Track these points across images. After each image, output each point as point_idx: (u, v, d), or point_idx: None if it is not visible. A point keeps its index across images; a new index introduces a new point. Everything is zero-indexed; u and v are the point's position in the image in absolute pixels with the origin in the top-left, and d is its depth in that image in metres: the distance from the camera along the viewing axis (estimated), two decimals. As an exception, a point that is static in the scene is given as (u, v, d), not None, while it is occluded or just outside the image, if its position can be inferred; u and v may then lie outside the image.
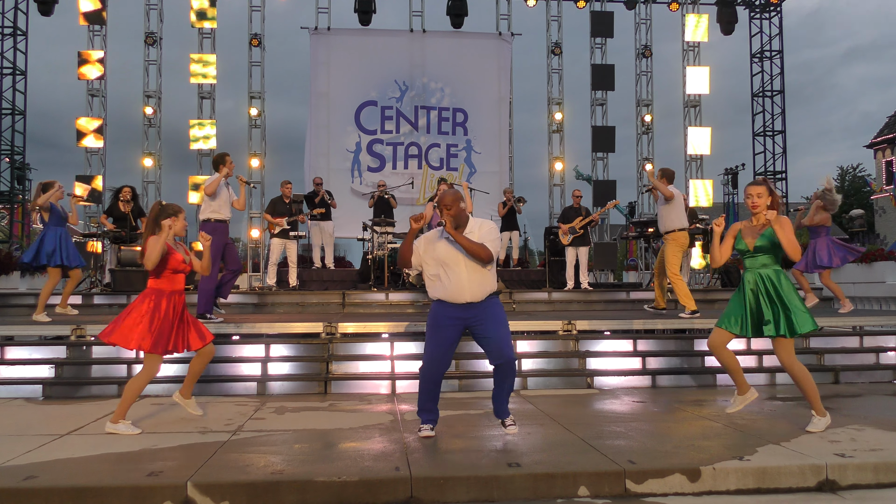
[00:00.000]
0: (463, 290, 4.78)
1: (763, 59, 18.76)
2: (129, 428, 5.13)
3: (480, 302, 4.83)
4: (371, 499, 3.91)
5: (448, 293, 4.82)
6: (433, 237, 4.92)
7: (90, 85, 16.32)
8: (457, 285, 4.78)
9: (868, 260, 11.69)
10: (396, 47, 17.58)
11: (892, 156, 39.70)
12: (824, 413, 5.07)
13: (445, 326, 4.86)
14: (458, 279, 4.78)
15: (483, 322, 4.83)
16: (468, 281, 4.78)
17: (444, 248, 4.83)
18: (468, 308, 4.81)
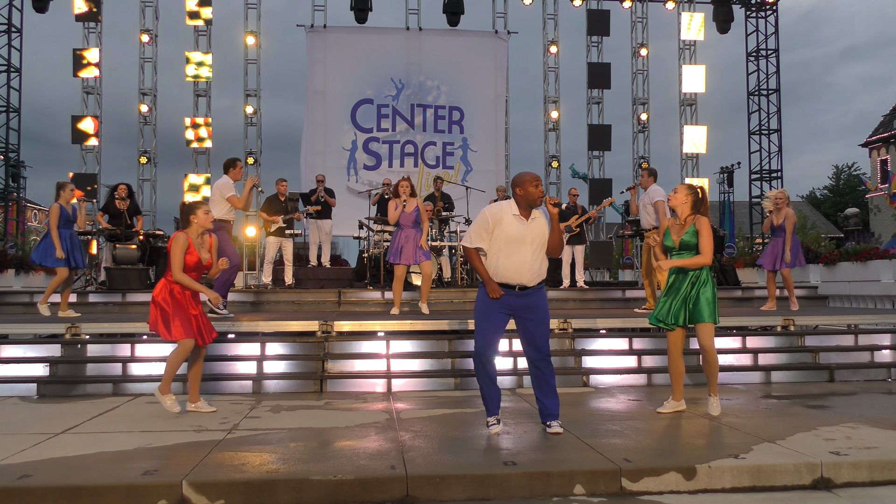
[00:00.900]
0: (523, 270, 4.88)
1: (759, 58, 18.80)
2: (173, 405, 5.60)
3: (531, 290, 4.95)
4: (367, 497, 3.90)
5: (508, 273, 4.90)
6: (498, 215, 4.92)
7: (85, 82, 16.28)
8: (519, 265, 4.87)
9: (863, 258, 11.73)
10: (393, 45, 17.56)
11: (888, 154, 39.80)
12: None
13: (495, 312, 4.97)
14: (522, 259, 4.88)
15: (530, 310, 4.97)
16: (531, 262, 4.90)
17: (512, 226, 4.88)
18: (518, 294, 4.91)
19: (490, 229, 4.88)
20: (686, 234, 5.53)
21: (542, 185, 4.89)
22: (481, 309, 4.98)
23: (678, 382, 5.78)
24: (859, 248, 12.09)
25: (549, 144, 18.08)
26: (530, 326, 4.93)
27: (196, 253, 5.59)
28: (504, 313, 4.94)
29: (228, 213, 8.26)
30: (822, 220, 43.87)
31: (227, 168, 8.40)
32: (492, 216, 4.88)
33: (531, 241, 4.86)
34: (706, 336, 5.48)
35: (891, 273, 11.20)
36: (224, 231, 8.16)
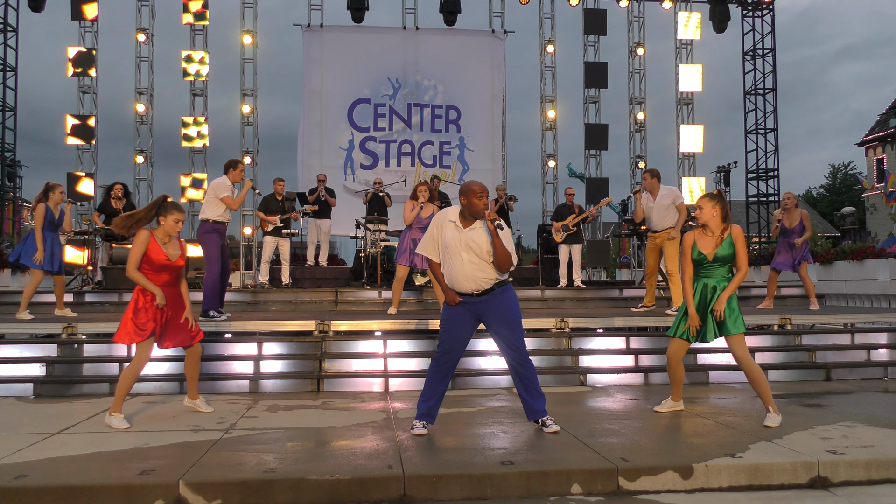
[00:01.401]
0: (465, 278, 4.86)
1: (755, 57, 18.80)
2: (121, 422, 5.23)
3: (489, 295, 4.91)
4: (364, 497, 3.90)
5: (450, 281, 4.92)
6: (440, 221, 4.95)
7: (81, 82, 16.23)
8: (459, 272, 4.86)
9: (859, 257, 11.75)
10: (389, 45, 17.54)
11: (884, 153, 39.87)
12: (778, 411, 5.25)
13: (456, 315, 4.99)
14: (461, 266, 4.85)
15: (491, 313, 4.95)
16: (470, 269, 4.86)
17: (448, 234, 4.89)
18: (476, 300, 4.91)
19: (436, 237, 4.95)
20: (722, 247, 5.31)
21: (486, 199, 4.86)
22: (445, 314, 5.03)
23: (677, 386, 5.76)
24: (856, 246, 12.10)
25: (545, 144, 18.09)
26: (499, 330, 4.97)
27: (162, 252, 5.32)
28: (469, 318, 4.96)
29: (223, 214, 8.11)
30: (819, 219, 43.91)
31: (227, 168, 8.24)
32: (435, 223, 4.95)
33: (467, 250, 4.82)
34: (739, 348, 5.26)
35: (887, 272, 11.22)
36: (212, 234, 8.02)
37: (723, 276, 5.37)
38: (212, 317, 7.94)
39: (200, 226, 8.09)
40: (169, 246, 5.41)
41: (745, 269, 5.29)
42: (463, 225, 4.87)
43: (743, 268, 5.28)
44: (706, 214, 5.34)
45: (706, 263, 5.34)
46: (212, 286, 8.04)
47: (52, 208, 8.56)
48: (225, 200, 8.06)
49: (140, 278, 5.26)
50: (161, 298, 5.27)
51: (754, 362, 5.30)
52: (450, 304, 4.95)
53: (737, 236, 5.31)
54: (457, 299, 4.90)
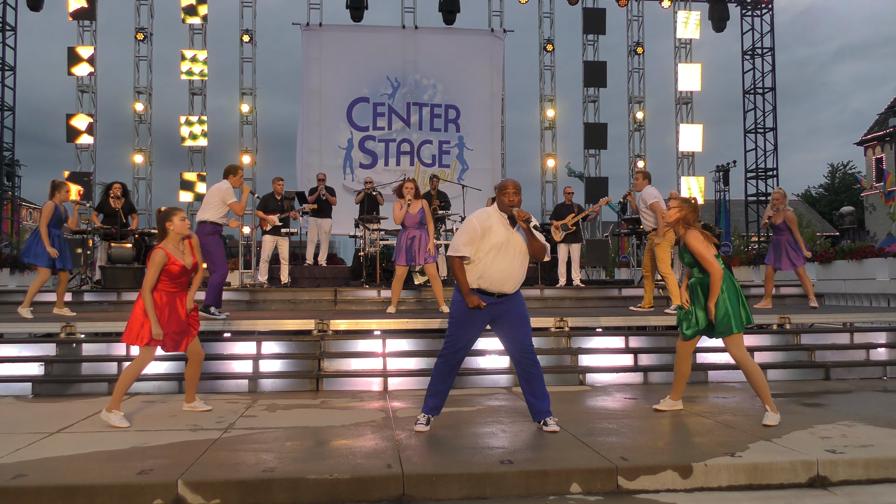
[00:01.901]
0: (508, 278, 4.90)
1: (754, 57, 18.81)
2: (120, 420, 5.25)
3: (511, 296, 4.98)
4: (363, 496, 3.89)
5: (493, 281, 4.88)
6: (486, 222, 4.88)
7: (80, 81, 16.22)
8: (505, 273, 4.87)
9: (858, 257, 11.75)
10: (388, 44, 17.53)
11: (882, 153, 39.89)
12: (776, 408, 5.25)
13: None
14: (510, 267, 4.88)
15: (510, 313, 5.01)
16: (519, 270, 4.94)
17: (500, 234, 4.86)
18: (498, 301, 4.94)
19: (479, 236, 4.83)
20: (681, 252, 5.43)
21: (513, 196, 4.84)
22: (459, 316, 4.98)
23: (680, 384, 5.73)
24: (855, 246, 12.10)
25: (545, 143, 18.08)
26: (511, 330, 4.99)
27: (178, 262, 5.42)
28: (483, 321, 4.99)
29: (223, 217, 8.17)
30: (818, 219, 43.95)
31: (227, 174, 8.30)
32: (480, 223, 4.83)
33: (515, 247, 4.87)
34: (735, 347, 5.24)
35: (886, 271, 11.22)
36: (215, 235, 8.09)
37: (699, 276, 5.37)
38: (212, 313, 7.95)
39: (201, 227, 8.03)
40: (184, 254, 5.51)
41: (714, 271, 5.16)
42: (510, 224, 4.88)
43: (711, 270, 5.17)
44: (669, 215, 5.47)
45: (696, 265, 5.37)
46: (219, 283, 8.13)
47: (59, 206, 8.59)
48: (233, 206, 8.11)
49: (149, 304, 5.28)
50: (158, 333, 5.28)
51: (752, 361, 5.31)
52: (470, 306, 4.86)
53: (688, 241, 5.26)
54: (481, 304, 4.85)
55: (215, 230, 8.10)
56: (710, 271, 5.19)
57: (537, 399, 5.06)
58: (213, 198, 8.15)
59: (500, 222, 4.85)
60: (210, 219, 8.05)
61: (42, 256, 8.44)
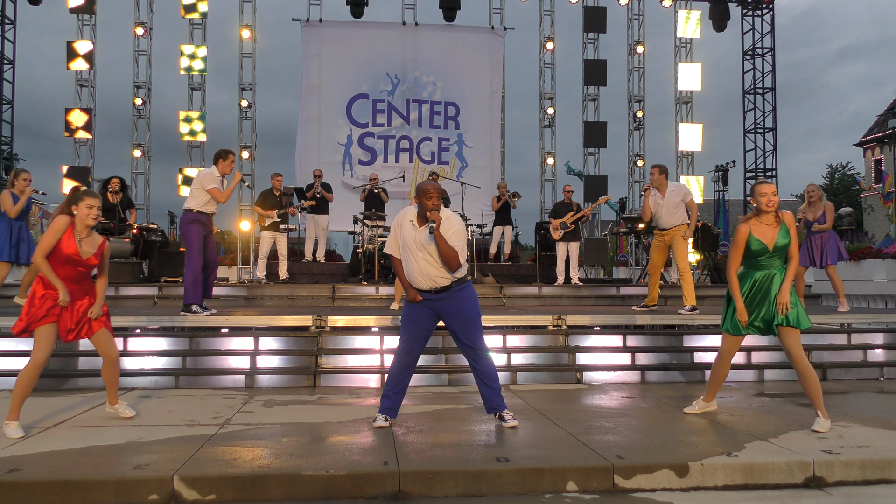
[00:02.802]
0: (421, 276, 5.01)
1: (755, 57, 18.82)
2: (16, 430, 4.75)
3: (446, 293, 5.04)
4: (359, 493, 3.89)
5: (409, 277, 5.09)
6: (400, 220, 5.11)
7: (79, 75, 16.19)
8: (414, 270, 5.02)
9: (856, 258, 11.75)
10: (388, 40, 17.52)
11: (882, 154, 39.89)
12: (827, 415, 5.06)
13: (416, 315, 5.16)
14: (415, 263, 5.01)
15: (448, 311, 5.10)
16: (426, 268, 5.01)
17: (406, 232, 5.03)
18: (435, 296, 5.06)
19: (396, 235, 5.12)
20: (780, 235, 5.01)
21: (436, 200, 4.91)
22: (406, 312, 5.18)
23: (715, 386, 5.56)
24: (853, 247, 12.11)
25: (544, 141, 18.07)
26: (456, 327, 5.11)
27: (74, 244, 4.89)
28: (429, 315, 5.12)
29: (207, 204, 7.81)
30: (817, 219, 43.92)
31: (216, 159, 7.93)
32: (396, 222, 5.12)
33: (422, 248, 4.96)
34: (796, 344, 5.07)
35: (884, 272, 11.23)
36: (199, 224, 7.76)
37: (777, 266, 5.09)
38: (193, 311, 7.77)
39: (183, 215, 7.84)
40: (85, 242, 5.00)
41: (797, 256, 5.05)
42: (419, 224, 5.00)
43: (795, 255, 5.03)
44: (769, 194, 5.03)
45: (766, 254, 5.05)
46: (192, 279, 7.81)
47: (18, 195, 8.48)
48: (212, 192, 7.73)
49: (45, 268, 4.81)
50: (64, 294, 4.84)
51: (808, 362, 5.11)
52: (409, 301, 5.10)
53: (790, 222, 5.03)
54: (417, 297, 5.05)
55: (195, 219, 7.73)
56: (795, 256, 5.03)
57: (489, 392, 5.16)
58: (195, 185, 7.87)
59: (409, 221, 5.03)
60: (193, 207, 7.75)
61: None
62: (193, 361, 7.15)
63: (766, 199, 5.01)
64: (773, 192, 5.04)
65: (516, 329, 8.08)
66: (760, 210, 5.06)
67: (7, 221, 8.41)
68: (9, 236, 8.41)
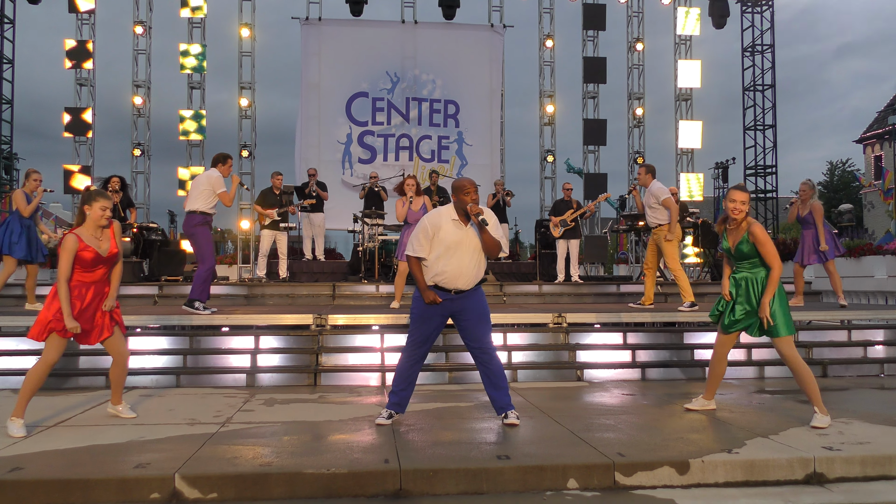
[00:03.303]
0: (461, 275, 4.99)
1: (754, 54, 18.80)
2: (19, 429, 4.80)
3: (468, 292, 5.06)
4: (360, 491, 3.89)
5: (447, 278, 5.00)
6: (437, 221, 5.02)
7: (79, 74, 16.17)
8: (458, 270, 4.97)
9: (857, 254, 11.76)
10: (388, 38, 17.50)
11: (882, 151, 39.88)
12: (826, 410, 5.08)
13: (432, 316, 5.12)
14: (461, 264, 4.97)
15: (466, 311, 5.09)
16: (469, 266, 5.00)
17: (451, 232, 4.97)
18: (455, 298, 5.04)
19: (430, 237, 5.01)
20: (741, 241, 5.15)
21: (474, 194, 4.95)
22: (418, 313, 5.13)
23: (714, 383, 5.60)
24: (853, 244, 12.12)
25: (544, 139, 18.05)
26: (469, 326, 5.09)
27: (91, 248, 4.91)
28: (441, 316, 5.11)
29: (212, 206, 7.96)
30: (816, 216, 43.91)
31: (216, 162, 8.07)
32: (431, 224, 5.00)
33: (468, 245, 4.97)
34: (788, 348, 5.10)
35: (884, 269, 11.23)
36: (205, 226, 7.91)
37: (749, 270, 5.18)
38: (195, 308, 7.83)
39: (189, 218, 7.89)
40: (102, 240, 5.02)
41: (778, 265, 5.07)
42: (463, 223, 4.97)
43: (775, 264, 5.06)
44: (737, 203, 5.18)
45: (733, 256, 5.23)
46: (205, 277, 7.92)
47: (29, 195, 8.49)
48: (222, 197, 7.93)
49: (63, 294, 4.81)
50: (70, 322, 4.82)
51: (803, 362, 5.15)
52: (427, 302, 5.01)
53: (756, 231, 5.09)
54: (437, 300, 4.99)
55: (205, 220, 7.90)
56: (774, 265, 5.07)
57: (497, 393, 5.15)
58: (203, 187, 7.92)
59: (451, 222, 4.97)
60: (200, 209, 7.87)
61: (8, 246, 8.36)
62: (194, 360, 7.16)
63: (733, 206, 5.17)
64: (742, 201, 5.17)
65: (517, 327, 8.09)
66: (728, 215, 5.23)
67: (19, 220, 8.44)
68: (25, 235, 8.45)
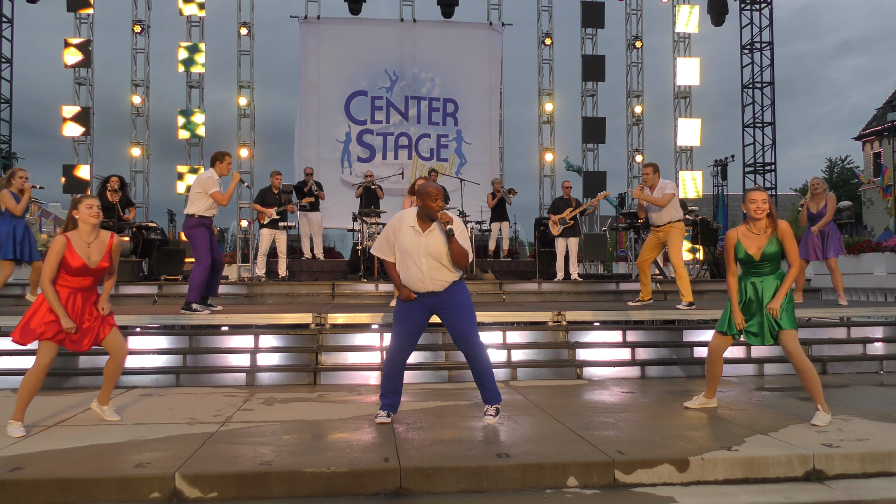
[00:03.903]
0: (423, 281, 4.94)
1: (753, 51, 18.81)
2: (18, 430, 4.77)
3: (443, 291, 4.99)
4: (360, 490, 3.90)
5: (408, 282, 5.00)
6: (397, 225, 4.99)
7: (77, 73, 16.17)
8: (416, 276, 4.93)
9: (856, 251, 11.76)
10: (387, 37, 17.50)
11: (881, 148, 39.89)
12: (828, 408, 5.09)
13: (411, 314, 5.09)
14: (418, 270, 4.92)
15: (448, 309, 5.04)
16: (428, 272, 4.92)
17: (407, 238, 4.93)
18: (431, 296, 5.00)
19: (391, 240, 5.00)
20: (768, 242, 5.11)
21: (441, 201, 4.85)
22: (398, 310, 5.12)
23: (714, 382, 5.60)
24: (852, 240, 12.11)
25: (543, 137, 18.06)
26: (451, 321, 5.06)
27: (78, 256, 4.89)
28: (421, 313, 5.06)
29: (210, 209, 7.83)
30: (816, 213, 43.93)
31: (213, 161, 7.95)
32: (391, 228, 5.00)
33: (426, 253, 4.88)
34: (791, 342, 5.10)
35: (883, 266, 11.23)
36: (200, 228, 7.78)
37: (770, 273, 5.17)
38: (193, 310, 7.77)
39: (186, 220, 7.85)
40: (92, 248, 5.04)
41: (797, 262, 5.10)
42: (422, 228, 4.91)
43: (795, 262, 5.10)
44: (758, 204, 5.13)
45: (754, 263, 5.15)
46: (200, 280, 7.82)
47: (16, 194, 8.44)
48: (214, 196, 7.75)
49: (51, 294, 4.79)
50: (66, 322, 4.84)
51: (806, 358, 5.15)
52: (403, 300, 5.04)
53: (783, 232, 5.08)
54: (412, 296, 4.99)
55: (200, 223, 7.78)
56: (796, 262, 5.10)
57: (483, 388, 5.16)
58: (195, 189, 7.86)
59: (408, 228, 4.91)
60: (196, 213, 7.77)
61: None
62: (194, 360, 7.16)
63: (756, 207, 5.12)
64: (763, 200, 5.12)
65: (516, 325, 8.09)
66: (751, 217, 5.17)
67: (9, 220, 8.41)
68: (12, 235, 8.40)
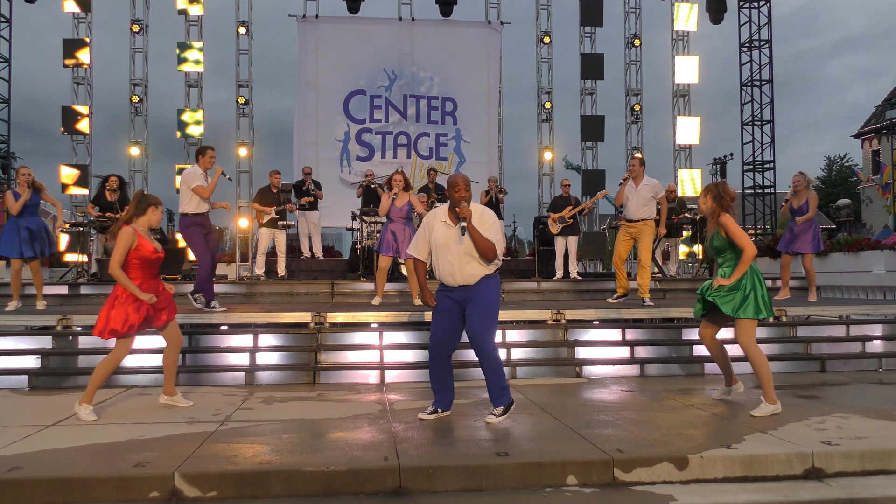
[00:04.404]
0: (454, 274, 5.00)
1: (752, 49, 18.79)
2: (90, 414, 5.19)
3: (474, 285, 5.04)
4: (359, 488, 3.90)
5: (441, 275, 5.08)
6: (430, 221, 5.11)
7: (76, 73, 16.17)
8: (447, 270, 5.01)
9: (855, 249, 11.76)
10: (385, 35, 17.49)
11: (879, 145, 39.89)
12: (775, 401, 5.25)
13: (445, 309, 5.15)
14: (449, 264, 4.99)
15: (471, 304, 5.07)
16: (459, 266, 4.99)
17: (439, 232, 5.03)
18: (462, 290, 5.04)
19: (426, 237, 5.12)
20: (713, 236, 5.39)
21: (465, 191, 4.95)
22: (435, 308, 5.19)
23: (726, 368, 5.81)
24: (851, 238, 12.11)
25: (542, 135, 18.06)
26: (469, 317, 5.06)
27: (150, 243, 5.28)
28: (456, 309, 5.10)
29: (200, 205, 7.91)
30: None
31: (196, 156, 8.11)
32: (426, 224, 5.13)
33: (457, 245, 4.95)
34: (746, 334, 5.28)
35: (882, 264, 11.23)
36: (192, 227, 7.86)
37: (729, 264, 5.36)
38: (196, 300, 7.93)
39: (180, 220, 7.98)
40: (151, 240, 5.37)
41: (750, 249, 5.16)
42: (453, 222, 5.01)
43: (748, 248, 5.17)
44: (701, 204, 5.46)
45: (717, 258, 5.43)
46: (206, 275, 8.03)
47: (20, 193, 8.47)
48: (196, 190, 7.83)
49: (123, 278, 5.13)
50: (146, 296, 5.19)
51: (757, 349, 5.29)
52: (427, 304, 5.17)
53: (725, 222, 5.28)
54: (431, 302, 5.12)
55: (192, 221, 7.87)
56: (747, 248, 5.17)
57: (491, 391, 5.16)
58: (182, 186, 7.95)
59: (440, 223, 5.05)
60: (188, 211, 7.88)
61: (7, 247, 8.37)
62: (193, 359, 7.16)
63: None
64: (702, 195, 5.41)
65: (515, 324, 8.09)
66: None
67: (13, 219, 8.43)
68: (17, 234, 8.40)
